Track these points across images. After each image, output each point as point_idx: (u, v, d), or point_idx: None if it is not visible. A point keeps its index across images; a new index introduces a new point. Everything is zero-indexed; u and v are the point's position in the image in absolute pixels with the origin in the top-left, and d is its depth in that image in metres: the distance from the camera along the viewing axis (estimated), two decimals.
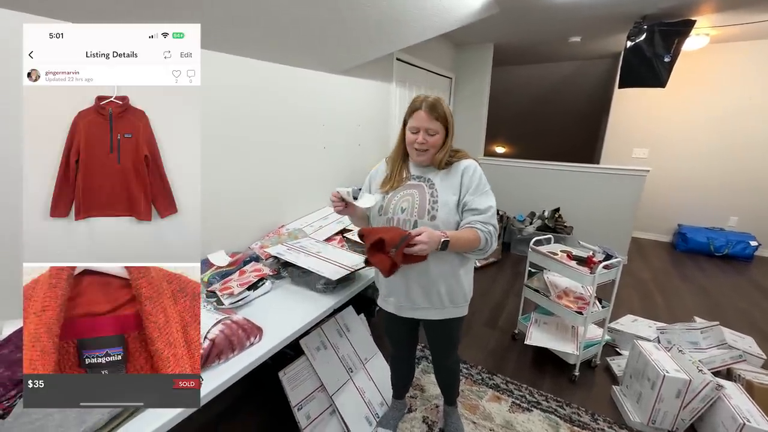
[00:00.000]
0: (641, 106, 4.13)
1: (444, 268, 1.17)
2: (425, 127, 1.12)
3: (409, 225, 1.13)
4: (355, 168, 2.60)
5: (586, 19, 2.94)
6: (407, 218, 1.14)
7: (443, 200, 1.13)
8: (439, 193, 1.14)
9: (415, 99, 1.16)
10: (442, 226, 1.11)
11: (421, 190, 1.16)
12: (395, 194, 1.18)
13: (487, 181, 1.18)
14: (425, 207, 1.13)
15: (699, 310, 2.67)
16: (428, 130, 1.12)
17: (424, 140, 1.13)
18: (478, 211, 1.12)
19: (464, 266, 1.22)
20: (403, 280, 1.19)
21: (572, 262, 1.89)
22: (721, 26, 3.11)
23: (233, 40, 1.50)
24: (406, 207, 1.15)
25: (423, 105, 1.12)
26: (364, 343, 1.78)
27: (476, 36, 3.61)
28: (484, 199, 1.14)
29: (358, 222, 1.34)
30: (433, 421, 1.62)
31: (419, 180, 1.18)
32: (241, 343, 1.06)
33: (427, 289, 1.18)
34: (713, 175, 3.98)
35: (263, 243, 1.77)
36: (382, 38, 2.06)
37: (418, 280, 1.18)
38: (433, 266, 1.16)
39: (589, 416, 1.66)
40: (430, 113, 1.11)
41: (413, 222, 1.13)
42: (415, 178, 1.19)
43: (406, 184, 1.19)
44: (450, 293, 1.20)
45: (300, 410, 1.46)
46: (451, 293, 1.20)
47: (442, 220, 1.12)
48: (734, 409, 1.43)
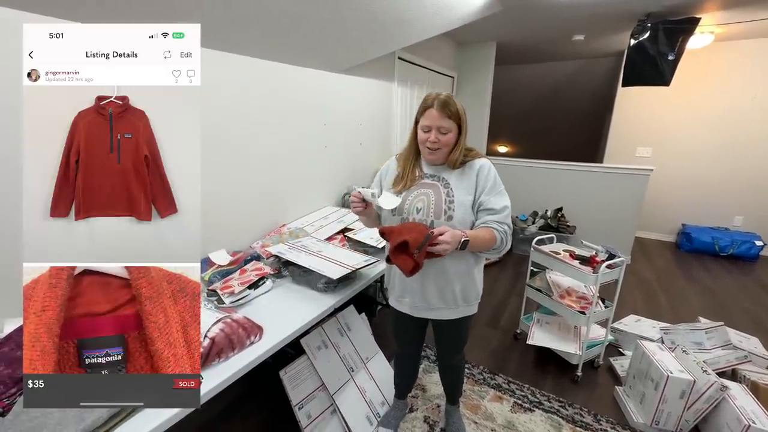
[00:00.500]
0: (645, 105, 4.09)
1: (461, 268, 1.17)
2: (437, 126, 1.11)
3: (425, 225, 1.13)
4: (356, 167, 2.59)
5: (589, 17, 2.92)
6: (423, 218, 1.13)
7: (459, 200, 1.12)
8: (455, 193, 1.13)
9: (426, 97, 1.14)
10: (458, 226, 1.11)
11: (437, 190, 1.14)
12: (409, 194, 1.17)
13: (501, 181, 1.17)
14: (441, 207, 1.12)
15: (703, 310, 2.64)
16: (440, 128, 1.11)
17: (437, 139, 1.11)
18: (493, 211, 1.11)
19: (478, 265, 1.23)
20: (419, 280, 1.19)
21: (575, 262, 1.88)
22: (726, 24, 3.08)
23: (234, 39, 1.50)
24: (421, 207, 1.14)
25: (435, 103, 1.10)
26: (365, 343, 1.77)
27: (479, 34, 3.59)
28: (500, 199, 1.13)
29: (368, 221, 1.32)
30: (434, 421, 1.61)
31: (433, 179, 1.17)
32: (242, 342, 1.06)
33: (443, 289, 1.18)
34: (718, 174, 3.94)
35: (264, 242, 1.77)
36: (383, 37, 2.06)
37: (435, 281, 1.18)
38: (450, 266, 1.15)
39: (592, 417, 1.64)
40: (442, 111, 1.09)
41: (429, 222, 1.12)
42: (429, 177, 1.18)
43: (420, 183, 1.18)
44: (464, 292, 1.20)
45: (301, 409, 1.46)
46: (465, 292, 1.20)
47: (459, 220, 1.11)
48: (739, 410, 1.41)
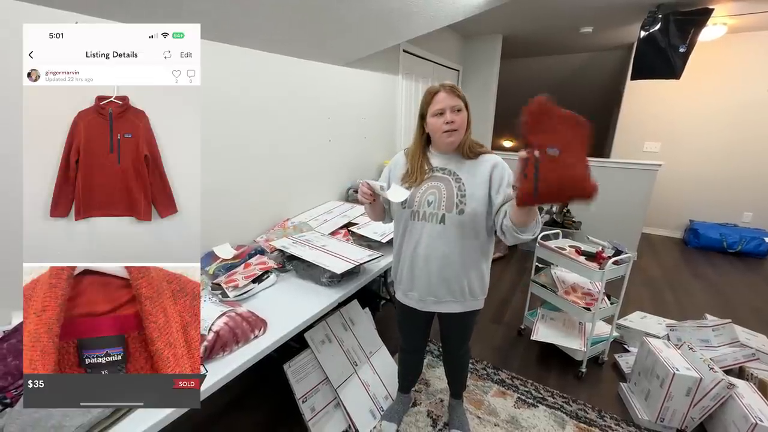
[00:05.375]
0: (654, 99, 4.02)
1: (470, 260, 1.17)
2: (450, 105, 1.10)
3: (436, 219, 1.13)
4: (360, 161, 2.58)
5: (598, 8, 2.86)
6: (434, 212, 1.13)
7: (471, 193, 1.12)
8: (466, 186, 1.13)
9: (430, 87, 1.15)
10: (469, 219, 1.11)
11: (448, 184, 1.14)
12: (419, 187, 1.17)
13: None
14: (453, 200, 1.12)
15: (711, 307, 2.61)
16: (453, 107, 1.10)
17: (452, 119, 1.10)
18: None
19: (486, 259, 1.23)
20: (426, 274, 1.19)
21: (581, 258, 1.86)
22: (739, 15, 3.00)
23: (236, 31, 1.48)
24: (432, 200, 1.14)
25: (442, 88, 1.11)
26: (368, 337, 1.77)
27: (485, 27, 3.54)
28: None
29: (373, 214, 1.33)
30: (437, 416, 1.62)
31: (443, 172, 1.17)
32: (246, 336, 1.06)
33: (451, 281, 1.18)
34: (727, 169, 3.88)
35: (268, 236, 1.77)
36: (387, 30, 2.03)
37: (444, 273, 1.17)
38: (459, 258, 1.15)
39: (596, 413, 1.64)
40: (451, 92, 1.10)
41: (440, 216, 1.13)
42: (439, 170, 1.17)
43: (431, 176, 1.17)
44: (471, 285, 1.20)
45: (305, 402, 1.47)
46: (472, 285, 1.21)
47: (470, 214, 1.11)
48: (746, 408, 1.40)
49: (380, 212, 1.31)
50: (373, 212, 1.32)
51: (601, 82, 4.91)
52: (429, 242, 1.15)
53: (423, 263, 1.18)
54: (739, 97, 3.69)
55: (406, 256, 1.23)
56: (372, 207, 1.27)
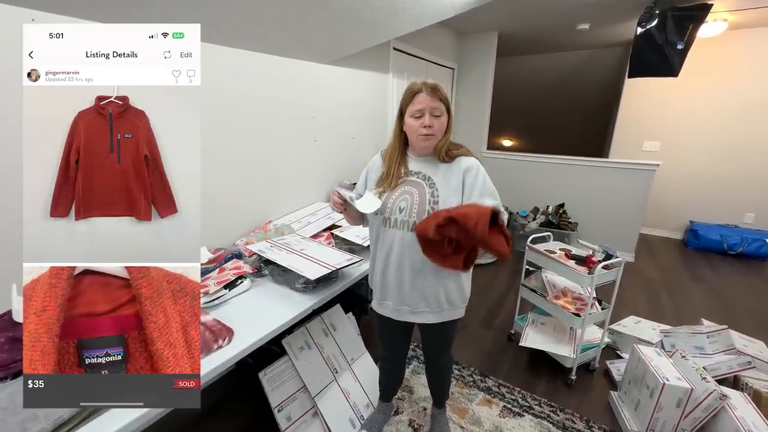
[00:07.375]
0: (653, 97, 3.94)
1: (445, 272, 1.11)
2: (430, 107, 1.05)
3: (407, 226, 1.09)
4: (348, 161, 2.53)
5: (595, 4, 2.79)
6: (405, 219, 1.09)
7: (444, 199, 1.08)
8: (440, 192, 1.08)
9: (411, 84, 1.09)
10: None
11: (421, 189, 1.10)
12: (392, 193, 1.13)
13: (491, 181, 1.12)
14: (425, 207, 1.07)
15: (708, 311, 2.55)
16: (433, 110, 1.06)
17: (431, 123, 1.06)
18: None
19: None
20: (399, 283, 1.14)
21: (570, 262, 1.80)
22: (740, 10, 2.92)
23: (215, 29, 1.44)
24: (404, 207, 1.10)
25: (424, 87, 1.06)
26: (351, 343, 1.73)
27: (479, 24, 3.48)
28: (490, 201, 1.08)
29: (351, 220, 1.30)
30: (419, 425, 1.57)
31: (418, 176, 1.12)
32: (208, 346, 1.01)
33: (426, 292, 1.14)
34: (728, 169, 3.79)
35: (249, 239, 1.73)
36: (372, 26, 1.97)
37: (418, 284, 1.13)
38: (431, 267, 1.10)
39: (584, 423, 1.58)
40: (432, 94, 1.05)
41: (412, 223, 1.08)
42: (414, 174, 1.13)
43: (405, 180, 1.13)
44: (449, 295, 1.15)
45: (280, 411, 1.42)
46: (451, 295, 1.16)
47: None
48: (738, 421, 1.34)
49: (357, 217, 1.27)
50: (350, 218, 1.28)
51: (599, 80, 4.82)
52: (401, 250, 1.11)
53: (395, 271, 1.13)
54: (741, 95, 3.60)
55: (378, 263, 1.18)
56: (347, 214, 1.24)
